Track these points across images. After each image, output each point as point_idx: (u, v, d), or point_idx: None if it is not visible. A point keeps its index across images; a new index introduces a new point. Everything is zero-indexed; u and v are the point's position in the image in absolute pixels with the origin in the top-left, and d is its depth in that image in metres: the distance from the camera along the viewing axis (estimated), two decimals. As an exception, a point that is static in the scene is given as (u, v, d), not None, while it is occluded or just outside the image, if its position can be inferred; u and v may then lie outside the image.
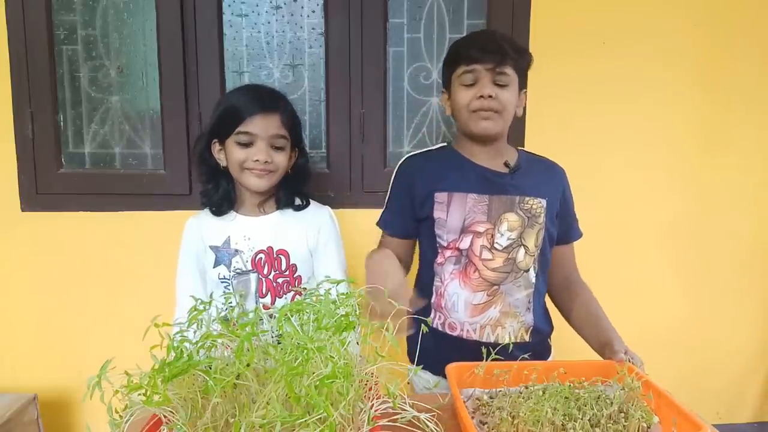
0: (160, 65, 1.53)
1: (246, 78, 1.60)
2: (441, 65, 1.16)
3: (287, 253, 1.14)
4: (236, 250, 1.13)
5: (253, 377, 0.63)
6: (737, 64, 1.74)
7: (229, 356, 0.67)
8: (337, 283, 0.78)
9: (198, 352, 0.67)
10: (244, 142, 1.07)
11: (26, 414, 1.46)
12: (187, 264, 1.15)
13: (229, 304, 0.85)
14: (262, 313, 0.76)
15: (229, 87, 1.58)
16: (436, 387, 1.06)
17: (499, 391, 0.82)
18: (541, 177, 1.13)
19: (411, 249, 1.18)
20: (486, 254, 1.07)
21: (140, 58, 1.56)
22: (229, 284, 1.12)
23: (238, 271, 1.12)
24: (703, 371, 1.89)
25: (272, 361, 0.66)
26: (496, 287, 1.07)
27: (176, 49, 1.52)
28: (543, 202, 1.09)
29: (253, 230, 1.14)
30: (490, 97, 1.02)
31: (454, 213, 1.07)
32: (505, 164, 1.10)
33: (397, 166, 1.17)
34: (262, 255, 1.13)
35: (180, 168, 1.57)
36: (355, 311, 0.73)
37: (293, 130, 1.14)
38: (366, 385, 0.70)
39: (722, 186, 1.80)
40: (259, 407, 0.60)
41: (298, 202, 1.19)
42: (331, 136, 1.62)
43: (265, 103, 1.08)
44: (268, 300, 1.13)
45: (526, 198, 1.08)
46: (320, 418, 0.57)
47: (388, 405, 0.70)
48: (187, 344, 0.67)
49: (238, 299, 1.10)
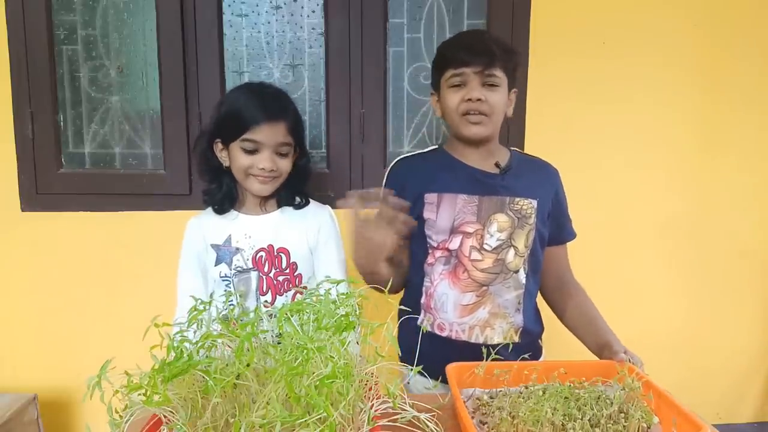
0: (160, 65, 1.54)
1: (246, 78, 1.60)
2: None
3: (288, 252, 1.14)
4: (237, 249, 1.13)
5: (253, 377, 0.63)
6: (737, 64, 1.74)
7: (229, 356, 0.67)
8: (337, 283, 0.78)
9: (198, 352, 0.67)
10: (250, 149, 1.08)
11: (26, 414, 1.46)
12: (189, 264, 1.16)
13: (230, 303, 0.85)
14: (262, 313, 0.76)
15: (229, 87, 1.58)
16: (435, 388, 1.06)
17: (499, 391, 0.82)
18: (533, 178, 1.13)
19: (404, 250, 1.17)
20: (475, 255, 1.07)
21: (140, 58, 1.56)
22: (230, 282, 1.13)
23: (238, 269, 1.13)
24: (703, 371, 1.89)
25: (272, 361, 0.66)
26: (485, 288, 1.07)
27: (176, 49, 1.52)
28: (534, 202, 1.09)
29: (254, 228, 1.14)
30: (479, 101, 1.02)
31: (443, 213, 1.07)
32: (496, 165, 1.10)
33: (389, 168, 1.17)
34: (262, 253, 1.13)
35: (180, 168, 1.57)
36: (355, 311, 0.73)
37: (297, 135, 1.15)
38: (366, 385, 0.70)
39: (722, 186, 1.80)
40: (259, 407, 0.60)
41: (298, 200, 1.19)
42: (331, 136, 1.62)
43: (271, 111, 1.08)
44: (268, 297, 1.14)
45: (517, 199, 1.08)
46: (320, 418, 0.57)
47: (388, 405, 0.70)
48: (187, 344, 0.67)
49: (239, 298, 1.11)
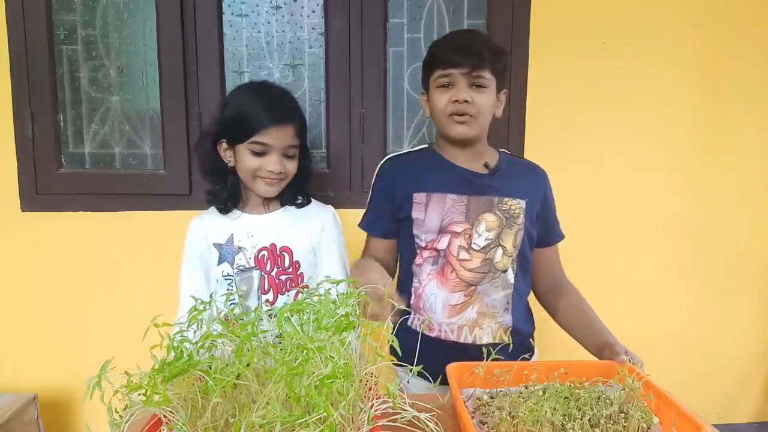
0: (160, 65, 1.53)
1: (246, 78, 1.60)
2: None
3: (290, 251, 1.15)
4: (239, 248, 1.13)
5: (253, 377, 0.63)
6: (737, 64, 1.74)
7: (229, 356, 0.67)
8: (337, 283, 0.78)
9: (198, 352, 0.67)
10: (258, 152, 1.08)
11: (26, 414, 1.46)
12: (191, 264, 1.16)
13: (231, 302, 0.85)
14: (262, 313, 0.76)
15: (229, 87, 1.58)
16: (434, 389, 1.06)
17: (499, 391, 0.82)
18: (522, 178, 1.13)
19: (395, 250, 1.18)
20: (463, 254, 1.07)
21: (140, 58, 1.56)
22: (232, 281, 1.14)
23: (241, 268, 1.13)
24: (704, 371, 1.89)
25: (272, 361, 0.66)
26: (473, 288, 1.07)
27: (176, 49, 1.52)
28: (522, 203, 1.09)
29: (257, 228, 1.15)
30: (466, 102, 1.02)
31: (432, 213, 1.07)
32: (485, 165, 1.10)
33: (378, 168, 1.17)
34: (264, 252, 1.14)
35: (180, 168, 1.57)
36: (355, 311, 0.73)
37: (304, 137, 1.15)
38: (366, 385, 0.70)
39: (722, 186, 1.80)
40: (259, 407, 0.60)
41: (301, 200, 1.20)
42: (331, 136, 1.62)
43: (281, 114, 1.09)
44: (270, 296, 1.14)
45: (505, 199, 1.08)
46: (320, 418, 0.57)
47: (388, 405, 0.70)
48: (187, 344, 0.67)
49: (239, 298, 1.11)
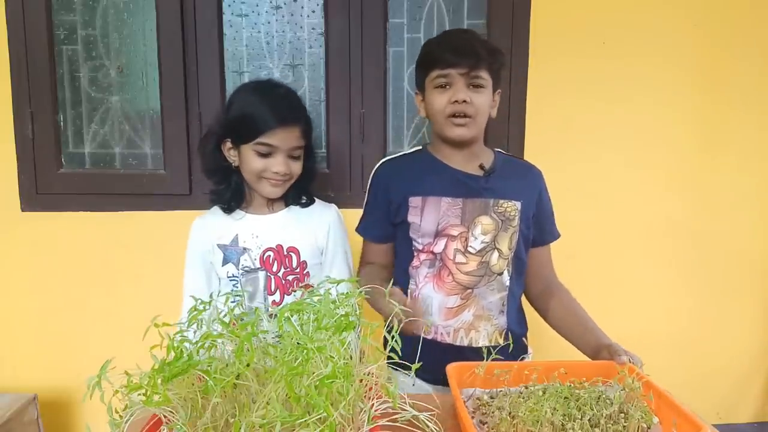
0: (160, 65, 1.53)
1: (246, 78, 1.60)
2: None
3: (297, 251, 1.15)
4: (244, 248, 1.13)
5: (253, 377, 0.63)
6: (737, 64, 1.74)
7: (229, 356, 0.67)
8: (337, 283, 0.78)
9: (198, 352, 0.67)
10: (264, 153, 1.08)
11: (26, 414, 1.46)
12: (193, 265, 1.16)
13: (231, 302, 0.85)
14: (262, 313, 0.76)
15: (229, 87, 1.58)
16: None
17: (499, 391, 0.82)
18: (517, 179, 1.13)
19: (392, 253, 1.18)
20: (460, 258, 1.07)
21: (140, 58, 1.56)
22: (237, 282, 1.13)
23: (246, 269, 1.13)
24: (704, 371, 1.89)
25: (272, 361, 0.66)
26: (469, 291, 1.07)
27: (176, 49, 1.52)
28: (517, 204, 1.09)
29: (262, 228, 1.14)
30: (465, 102, 1.02)
31: (428, 217, 1.07)
32: (480, 167, 1.10)
33: (373, 172, 1.16)
34: (270, 252, 1.13)
35: (180, 168, 1.57)
36: (355, 311, 0.73)
37: (309, 137, 1.15)
38: (366, 385, 0.70)
39: (722, 186, 1.80)
40: (259, 407, 0.60)
41: (304, 199, 1.20)
42: (331, 136, 1.62)
43: (287, 116, 1.08)
44: (276, 297, 1.14)
45: (501, 201, 1.07)
46: (320, 418, 0.57)
47: (388, 405, 0.70)
48: (186, 344, 0.67)
49: (243, 298, 1.11)
